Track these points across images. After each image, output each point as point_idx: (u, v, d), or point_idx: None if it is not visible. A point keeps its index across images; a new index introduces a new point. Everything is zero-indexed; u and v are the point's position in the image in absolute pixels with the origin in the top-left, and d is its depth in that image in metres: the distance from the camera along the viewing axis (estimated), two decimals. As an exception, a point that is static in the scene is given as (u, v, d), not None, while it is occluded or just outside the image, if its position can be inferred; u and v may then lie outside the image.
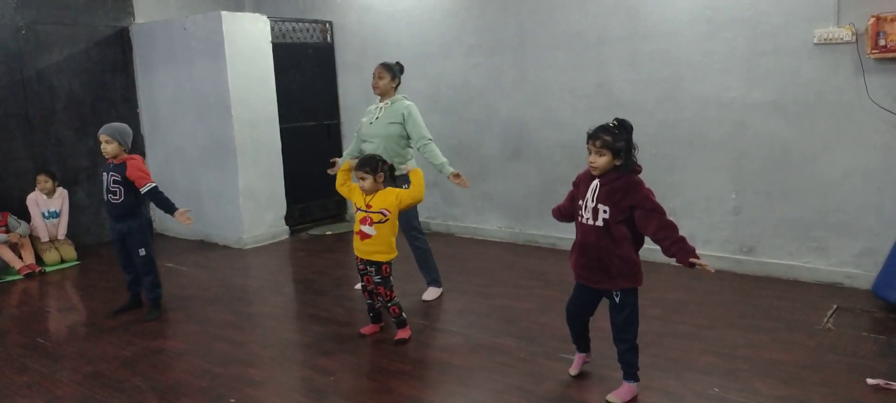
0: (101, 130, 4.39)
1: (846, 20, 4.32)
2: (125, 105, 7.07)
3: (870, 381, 3.18)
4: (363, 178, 3.83)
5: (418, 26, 6.52)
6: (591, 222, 3.01)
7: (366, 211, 3.85)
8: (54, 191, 6.23)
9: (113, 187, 4.40)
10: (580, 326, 3.34)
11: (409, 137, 4.51)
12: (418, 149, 4.52)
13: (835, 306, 4.19)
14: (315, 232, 7.01)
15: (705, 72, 4.93)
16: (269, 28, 6.53)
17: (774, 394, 3.11)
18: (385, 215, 3.81)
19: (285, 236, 6.81)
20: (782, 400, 3.06)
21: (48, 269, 5.96)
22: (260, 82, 6.47)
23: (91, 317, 4.72)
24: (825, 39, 4.39)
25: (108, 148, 4.36)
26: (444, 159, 4.44)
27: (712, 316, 4.14)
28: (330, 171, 4.80)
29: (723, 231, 5.03)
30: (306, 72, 7.13)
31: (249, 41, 6.35)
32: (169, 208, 4.43)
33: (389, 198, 3.84)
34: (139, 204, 4.49)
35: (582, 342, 3.39)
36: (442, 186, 6.66)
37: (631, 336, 3.08)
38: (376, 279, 3.88)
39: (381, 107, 4.58)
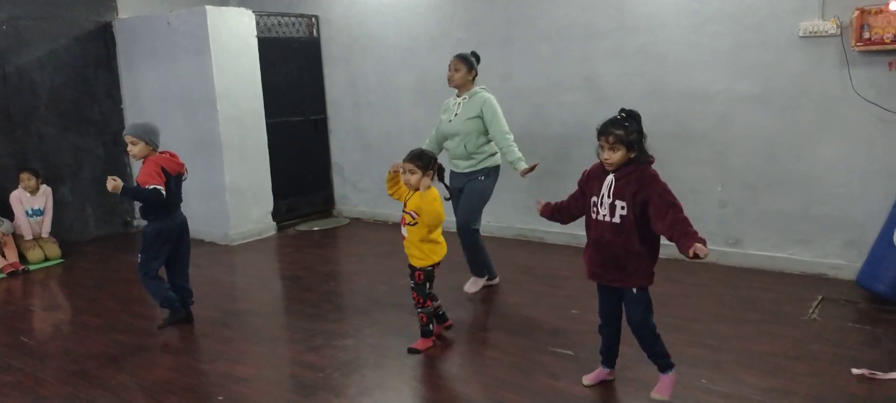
0: (125, 131, 4.10)
1: (831, 13, 4.35)
2: (109, 101, 6.99)
3: (854, 371, 3.22)
4: (412, 172, 3.59)
5: (405, 20, 6.49)
6: (607, 219, 2.92)
7: (404, 212, 3.70)
8: (38, 188, 6.16)
9: None
10: (611, 334, 3.17)
11: (487, 132, 4.35)
12: (496, 143, 4.36)
13: (820, 297, 4.23)
14: (302, 227, 6.98)
15: (691, 65, 4.94)
16: (254, 22, 6.48)
17: (761, 385, 3.14)
18: (414, 217, 3.61)
19: (272, 232, 6.78)
20: (768, 391, 3.08)
21: (32, 267, 5.89)
22: (245, 77, 6.43)
23: (76, 315, 4.68)
24: (810, 32, 4.42)
25: (135, 150, 4.02)
26: (520, 155, 4.29)
27: (698, 308, 4.16)
28: (392, 173, 4.69)
29: (708, 223, 5.05)
30: (292, 67, 7.09)
31: (234, 36, 6.30)
32: (132, 191, 4.15)
33: (422, 201, 3.59)
34: (154, 207, 4.04)
35: (609, 355, 3.22)
36: (429, 181, 6.65)
37: (649, 333, 3.01)
38: (411, 285, 3.73)
39: (459, 103, 4.42)
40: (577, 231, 5.64)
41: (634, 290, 2.96)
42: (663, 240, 2.87)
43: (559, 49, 5.54)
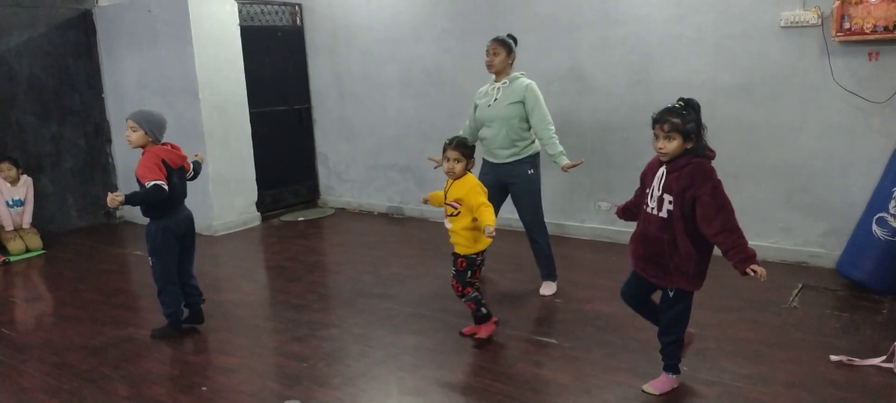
0: (128, 116, 3.80)
1: (812, 3, 4.38)
2: (90, 90, 6.91)
3: (833, 358, 3.27)
4: (457, 160, 3.48)
5: (390, 9, 6.46)
6: (655, 212, 2.81)
7: (446, 203, 3.60)
8: (18, 178, 6.09)
9: (138, 183, 3.76)
10: (640, 306, 3.11)
11: (528, 119, 4.18)
12: (536, 133, 4.19)
13: (800, 285, 4.28)
14: (287, 217, 6.95)
15: (675, 55, 4.97)
16: (236, 10, 6.42)
17: (741, 372, 3.18)
18: (455, 207, 3.52)
19: (256, 222, 6.75)
20: (748, 378, 3.12)
21: (13, 259, 5.83)
22: (228, 66, 6.37)
23: (58, 307, 4.63)
24: (792, 22, 4.45)
25: (133, 136, 3.71)
26: (562, 149, 4.15)
27: (682, 296, 4.19)
28: (435, 167, 4.53)
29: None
30: (276, 56, 7.04)
31: (217, 24, 6.24)
32: (134, 196, 3.65)
33: (462, 189, 3.50)
34: (157, 204, 3.75)
35: (650, 317, 3.13)
36: (415, 171, 6.65)
37: (678, 332, 2.95)
38: (452, 272, 3.64)
39: (498, 87, 4.23)
40: (562, 220, 5.69)
41: (671, 292, 2.88)
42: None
43: (544, 39, 5.54)
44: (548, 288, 4.38)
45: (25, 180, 6.16)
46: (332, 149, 7.36)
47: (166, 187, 3.64)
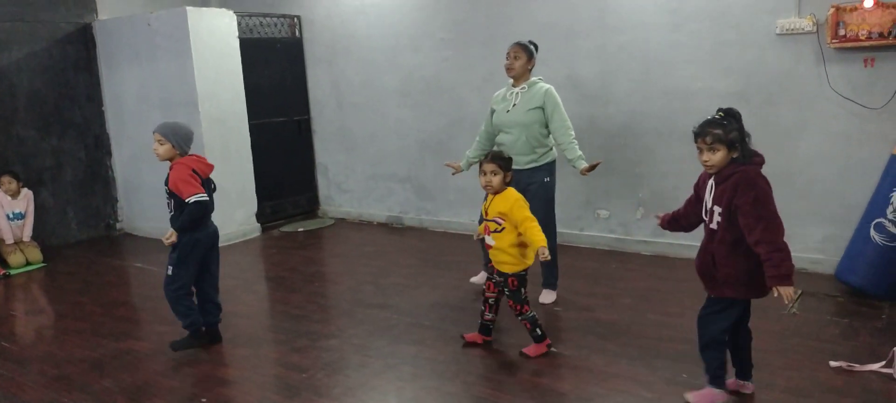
0: (154, 128, 3.74)
1: (807, 11, 4.41)
2: (90, 103, 6.94)
3: (832, 364, 3.27)
4: (494, 173, 3.40)
5: (388, 20, 6.49)
6: (708, 224, 2.81)
7: (484, 219, 3.52)
8: (19, 192, 6.10)
9: (166, 198, 3.74)
10: (730, 347, 2.96)
11: (547, 125, 4.15)
12: (556, 138, 4.16)
13: (800, 291, 4.28)
14: (287, 228, 6.96)
15: (673, 63, 4.99)
16: (235, 23, 6.45)
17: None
18: (499, 224, 3.44)
19: (256, 234, 6.76)
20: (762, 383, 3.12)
21: (13, 272, 5.83)
22: (227, 78, 6.40)
23: (58, 320, 4.64)
24: (787, 30, 4.48)
25: (160, 150, 3.67)
26: (581, 153, 4.12)
27: (681, 303, 4.20)
28: (453, 173, 4.60)
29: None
30: (275, 68, 7.07)
31: (216, 37, 6.27)
32: (181, 222, 3.65)
33: (505, 204, 3.42)
34: (200, 218, 3.71)
35: (739, 367, 3.02)
36: (414, 180, 6.67)
37: (708, 334, 2.86)
38: (506, 292, 3.54)
39: (516, 93, 4.17)
40: (562, 229, 5.69)
41: (713, 295, 2.85)
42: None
43: (542, 47, 5.50)
44: (548, 297, 4.38)
45: (26, 193, 6.18)
46: (332, 160, 7.38)
47: (207, 198, 3.66)
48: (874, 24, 4.12)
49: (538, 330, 3.54)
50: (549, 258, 3.37)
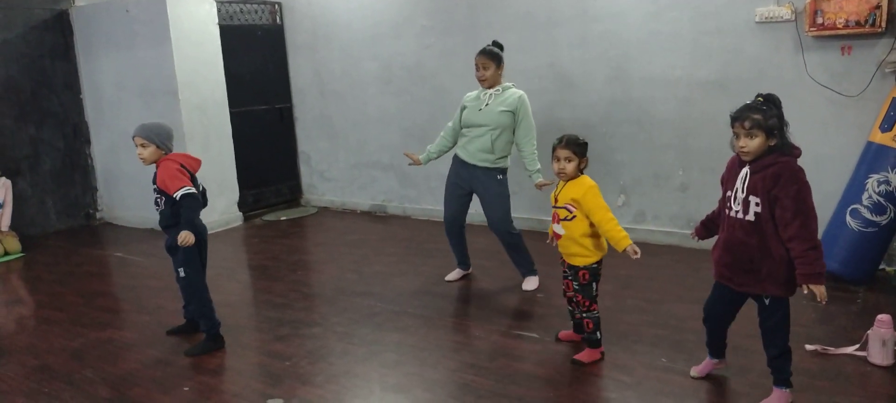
0: (133, 132, 3.63)
1: (786, -1, 4.46)
2: (67, 91, 6.85)
3: (808, 347, 3.33)
4: (569, 159, 3.17)
5: (369, 7, 6.46)
6: (740, 216, 2.66)
7: (554, 206, 3.29)
8: (-5, 181, 6.02)
9: (155, 196, 3.68)
10: (717, 329, 3.00)
11: (514, 131, 4.19)
12: (519, 144, 4.21)
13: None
14: (269, 217, 6.94)
15: (652, 51, 5.02)
16: (215, 10, 6.39)
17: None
18: (570, 210, 3.20)
19: (238, 222, 6.73)
20: (727, 368, 3.17)
21: (-10, 262, 5.77)
22: (208, 66, 6.34)
23: (38, 310, 4.60)
24: (766, 18, 4.52)
25: (145, 153, 3.59)
26: (539, 166, 4.19)
27: (661, 290, 4.25)
28: (409, 164, 4.62)
29: (671, 207, 5.15)
30: (256, 55, 7.01)
31: (195, 23, 6.21)
32: (185, 222, 3.54)
33: (577, 190, 3.18)
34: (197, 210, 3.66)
35: (716, 347, 3.05)
36: (397, 169, 6.66)
37: (781, 341, 2.77)
38: (575, 286, 3.31)
39: (490, 93, 4.22)
40: (542, 216, 5.72)
41: (766, 301, 2.73)
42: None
43: (522, 36, 5.58)
44: (530, 283, 4.41)
45: (4, 182, 6.09)
46: (314, 148, 7.35)
47: (193, 190, 3.58)
48: (851, 12, 4.17)
49: (599, 333, 3.32)
50: (638, 255, 3.12)
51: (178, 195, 3.52)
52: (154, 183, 3.64)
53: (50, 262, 5.76)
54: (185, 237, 3.47)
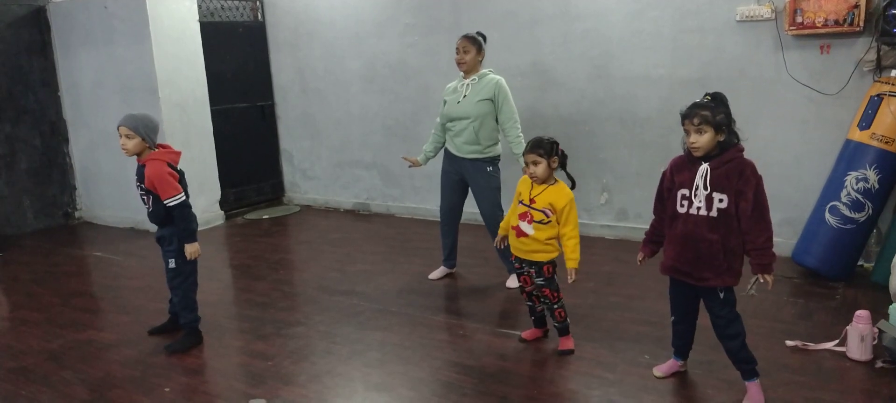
0: (119, 122, 3.52)
1: (766, -2, 4.49)
2: (45, 89, 6.74)
3: (788, 343, 3.37)
4: (536, 163, 3.22)
5: (353, 4, 6.43)
6: (704, 212, 2.70)
7: (528, 206, 3.29)
8: (-30, 180, 5.92)
9: (141, 194, 3.62)
10: (687, 329, 3.04)
11: (497, 117, 4.18)
12: (503, 129, 4.20)
13: (757, 274, 4.37)
14: (251, 216, 6.88)
15: (634, 50, 5.04)
16: (195, 6, 6.32)
17: (701, 359, 3.25)
18: (547, 216, 3.25)
19: (220, 221, 6.67)
20: (707, 364, 3.20)
21: (-34, 263, 5.67)
22: (188, 63, 6.28)
23: (14, 311, 4.52)
24: (746, 17, 4.56)
25: (129, 145, 3.49)
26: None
27: (643, 286, 4.27)
28: (409, 166, 4.58)
29: (652, 204, 5.17)
30: (237, 52, 6.95)
31: (175, 20, 6.14)
32: (185, 234, 3.60)
33: (559, 199, 3.24)
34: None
35: (684, 348, 3.10)
36: (380, 167, 6.64)
37: (738, 326, 2.83)
38: (539, 281, 3.37)
39: (467, 84, 4.20)
40: (526, 214, 5.73)
41: (721, 293, 2.78)
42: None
43: (505, 35, 5.58)
44: (513, 281, 4.41)
45: (-22, 182, 6.00)
46: (297, 146, 7.31)
47: (185, 197, 3.59)
48: (830, 11, 4.21)
49: (568, 319, 3.43)
50: (572, 279, 3.24)
51: (170, 204, 3.53)
52: (139, 181, 3.60)
53: (27, 262, 5.67)
54: (194, 251, 3.58)
